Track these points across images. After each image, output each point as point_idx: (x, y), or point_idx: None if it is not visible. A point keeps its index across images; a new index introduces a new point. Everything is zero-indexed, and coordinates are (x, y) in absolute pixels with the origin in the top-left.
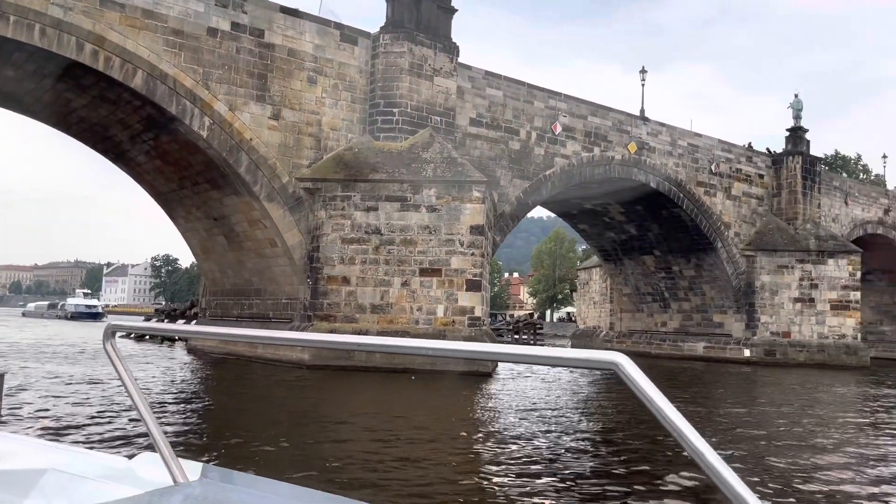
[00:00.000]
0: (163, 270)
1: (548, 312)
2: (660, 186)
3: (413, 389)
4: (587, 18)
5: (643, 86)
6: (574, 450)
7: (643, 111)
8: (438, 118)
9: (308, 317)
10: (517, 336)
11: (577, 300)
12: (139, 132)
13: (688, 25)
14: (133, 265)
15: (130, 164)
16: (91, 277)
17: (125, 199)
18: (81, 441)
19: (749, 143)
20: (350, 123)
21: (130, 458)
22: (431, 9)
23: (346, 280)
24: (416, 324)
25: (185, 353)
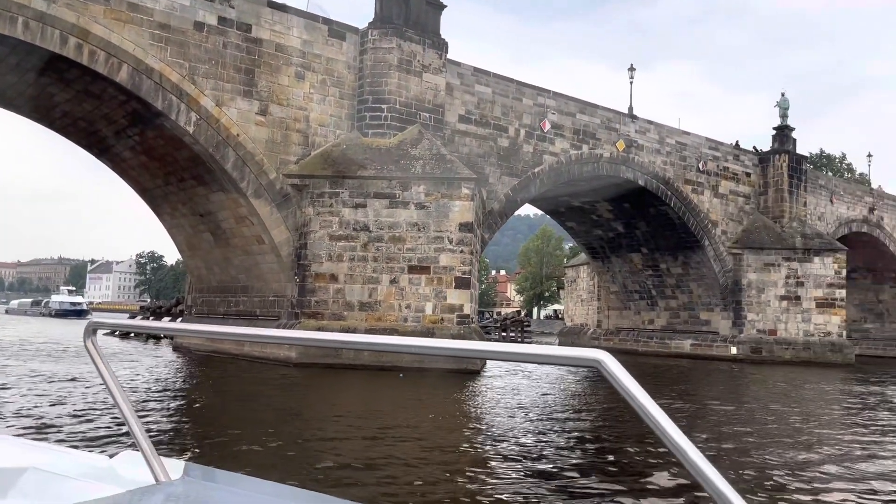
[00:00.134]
0: (148, 267)
1: (534, 310)
2: (648, 184)
3: (401, 387)
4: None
5: (631, 83)
6: (561, 447)
7: (631, 109)
8: (427, 115)
9: (295, 314)
10: (504, 334)
11: (565, 298)
12: (124, 127)
13: (674, 24)
14: (118, 262)
15: (115, 160)
16: (75, 274)
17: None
18: (63, 440)
19: (736, 142)
20: (338, 119)
21: (112, 457)
22: (420, 4)
23: (334, 277)
24: (405, 321)
25: (171, 351)
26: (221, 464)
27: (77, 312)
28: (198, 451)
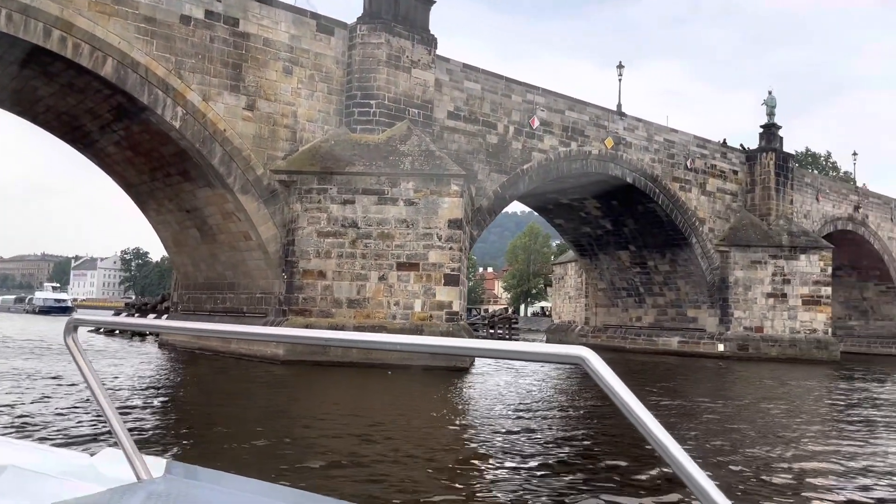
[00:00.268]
0: (133, 264)
1: (522, 307)
2: (636, 181)
3: (389, 384)
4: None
5: (620, 81)
6: (548, 443)
7: (620, 106)
8: (416, 111)
9: (283, 311)
10: (492, 331)
11: (552, 295)
12: (109, 122)
13: (660, 23)
14: (102, 259)
15: (100, 155)
16: (59, 271)
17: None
18: (45, 438)
19: (724, 140)
20: (326, 115)
21: (93, 455)
22: (409, 0)
23: (322, 274)
24: (394, 318)
25: (157, 348)
26: (205, 462)
27: (61, 309)
28: (181, 450)
